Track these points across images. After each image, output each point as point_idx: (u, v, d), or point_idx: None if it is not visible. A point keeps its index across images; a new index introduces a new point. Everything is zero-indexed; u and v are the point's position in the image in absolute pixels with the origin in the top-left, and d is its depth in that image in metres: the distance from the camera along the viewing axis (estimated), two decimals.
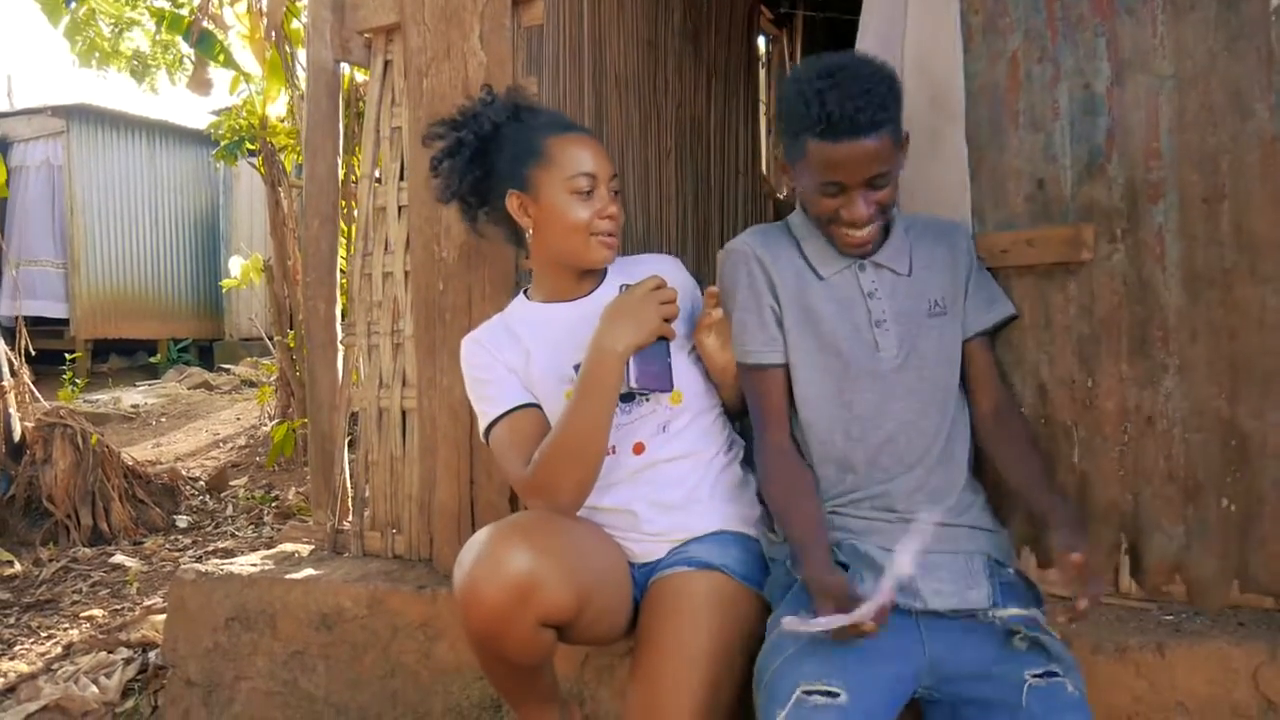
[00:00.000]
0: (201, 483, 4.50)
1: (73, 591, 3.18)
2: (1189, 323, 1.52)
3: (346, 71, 2.57)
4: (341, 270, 2.49)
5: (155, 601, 2.91)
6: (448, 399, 2.04)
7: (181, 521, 3.96)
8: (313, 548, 2.35)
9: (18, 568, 3.39)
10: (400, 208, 2.18)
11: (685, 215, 2.83)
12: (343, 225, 2.76)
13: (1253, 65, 1.47)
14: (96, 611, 2.95)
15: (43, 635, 2.81)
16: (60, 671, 2.45)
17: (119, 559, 3.45)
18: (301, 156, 3.62)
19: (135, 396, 7.33)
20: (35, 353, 4.30)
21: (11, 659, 2.62)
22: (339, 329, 2.30)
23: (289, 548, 2.39)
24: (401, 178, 2.19)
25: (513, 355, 1.56)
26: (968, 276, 1.51)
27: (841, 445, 1.44)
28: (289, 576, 2.09)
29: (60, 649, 2.66)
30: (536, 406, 1.53)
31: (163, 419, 6.65)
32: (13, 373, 3.85)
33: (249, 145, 5.05)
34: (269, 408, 5.47)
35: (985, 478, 1.54)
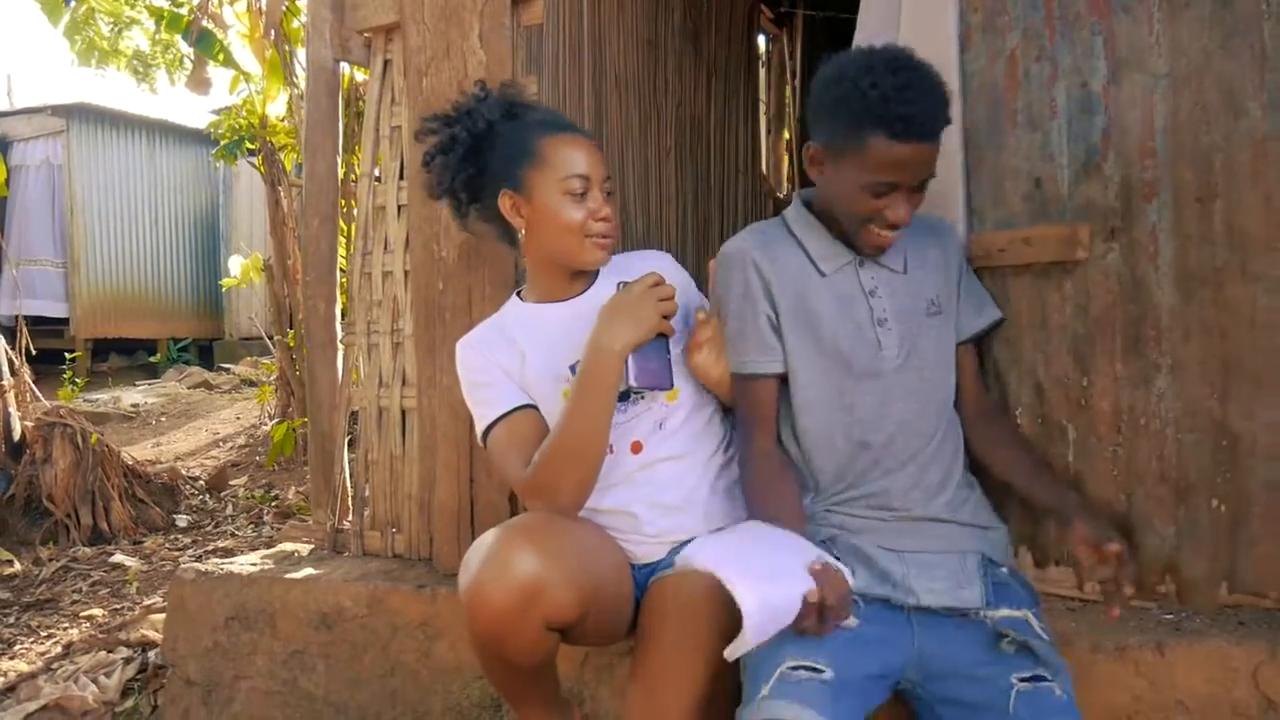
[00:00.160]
0: (201, 482, 4.50)
1: (72, 591, 3.18)
2: (1182, 322, 1.52)
3: (346, 71, 2.57)
4: (341, 269, 2.49)
5: (155, 601, 2.91)
6: (448, 398, 2.04)
7: (181, 521, 3.96)
8: (312, 547, 2.35)
9: (17, 567, 3.38)
10: (400, 207, 2.18)
11: (685, 214, 2.83)
12: (342, 224, 2.76)
13: (1246, 64, 1.47)
14: (96, 611, 2.95)
15: (42, 634, 2.81)
16: (60, 671, 2.44)
17: (119, 558, 3.45)
18: (301, 155, 3.62)
19: (135, 396, 7.33)
20: (35, 352, 4.30)
21: (11, 658, 2.62)
22: (339, 328, 2.30)
23: (289, 547, 2.39)
24: (401, 177, 2.19)
25: (507, 357, 1.55)
26: (959, 279, 1.50)
27: (842, 448, 1.42)
28: (289, 576, 2.09)
29: (60, 648, 2.66)
30: (533, 408, 1.52)
31: (162, 418, 6.65)
32: (13, 372, 3.85)
33: (249, 144, 5.05)
34: (269, 407, 5.47)
35: (984, 475, 1.54)
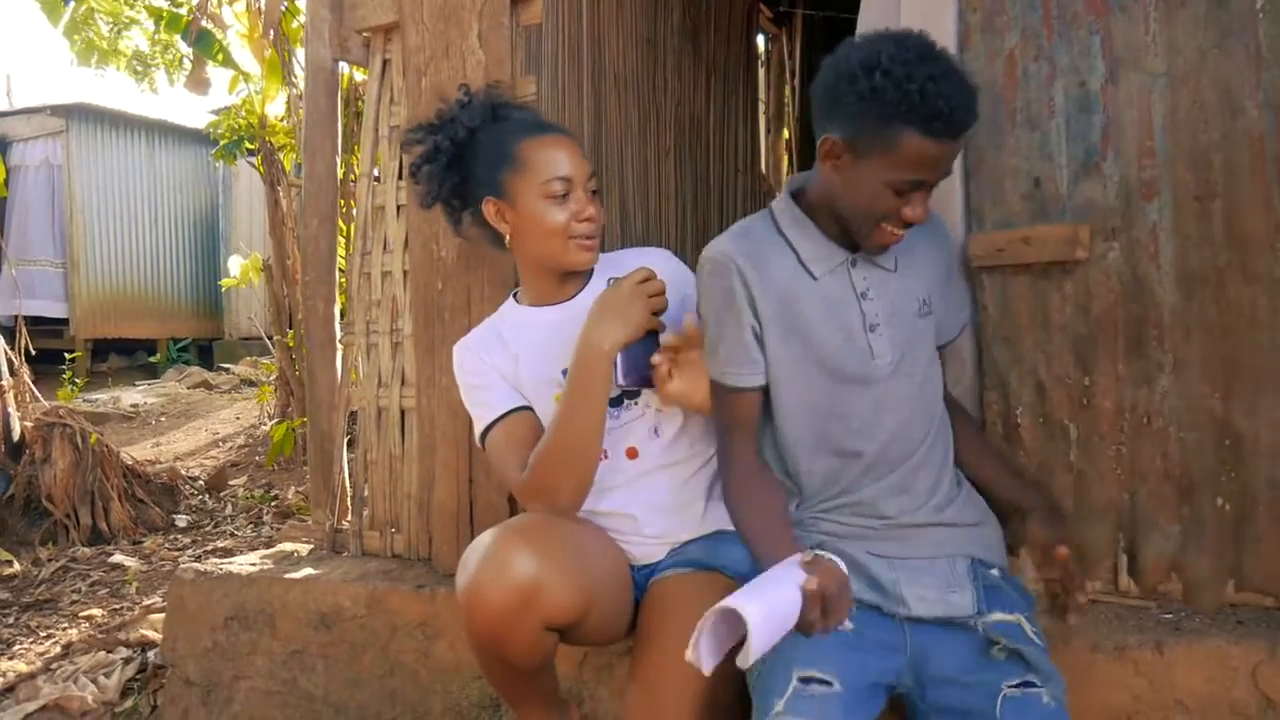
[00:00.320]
0: (201, 482, 4.50)
1: (72, 591, 3.18)
2: (1183, 321, 1.52)
3: (345, 70, 2.57)
4: (340, 269, 2.49)
5: (154, 601, 2.91)
6: (447, 398, 2.04)
7: (181, 521, 3.96)
8: (312, 547, 2.35)
9: (17, 567, 3.38)
10: (399, 207, 2.18)
11: (684, 214, 2.83)
12: (342, 224, 2.76)
13: (1242, 63, 1.46)
14: (95, 611, 2.95)
15: (42, 635, 2.81)
16: (59, 671, 2.44)
17: (118, 558, 3.44)
18: (300, 155, 3.62)
19: (135, 396, 7.33)
20: (35, 352, 4.30)
21: (10, 658, 2.62)
22: (338, 328, 2.30)
23: (288, 547, 2.39)
24: (400, 176, 2.18)
25: (502, 360, 1.55)
26: (948, 277, 1.45)
27: (831, 457, 1.37)
28: (288, 576, 2.09)
29: (59, 648, 2.66)
30: (529, 410, 1.52)
31: (162, 418, 6.65)
32: (12, 372, 3.85)
33: (248, 144, 5.05)
34: (268, 407, 5.48)
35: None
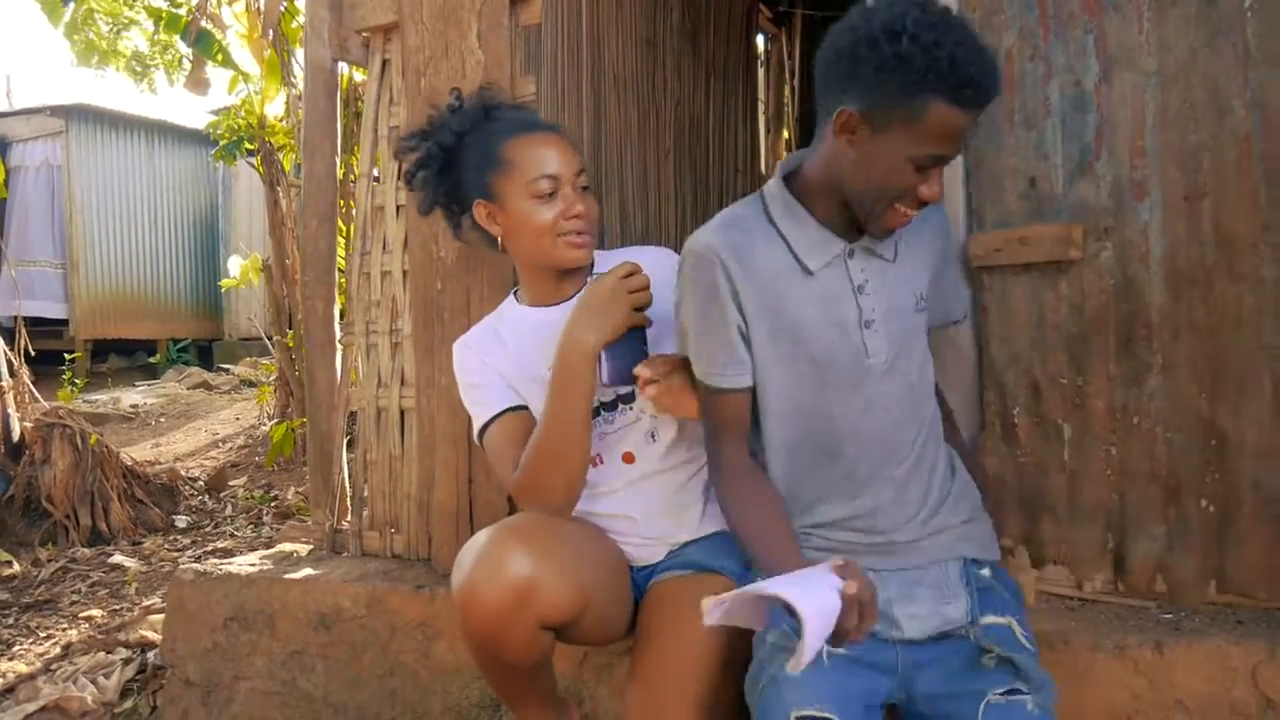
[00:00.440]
0: (200, 483, 4.50)
1: (71, 592, 3.18)
2: (1172, 321, 1.51)
3: (345, 71, 2.57)
4: (340, 269, 2.49)
5: (154, 601, 2.91)
6: (446, 398, 2.04)
7: (180, 521, 3.96)
8: (311, 547, 2.35)
9: (16, 568, 3.38)
10: (398, 207, 2.18)
11: (684, 214, 2.82)
12: (341, 224, 2.76)
13: (1230, 62, 1.46)
14: (95, 612, 2.95)
15: (41, 635, 2.81)
16: (59, 672, 2.44)
17: (118, 559, 3.44)
18: (300, 156, 3.62)
19: (134, 396, 7.33)
20: (34, 353, 4.30)
21: (10, 659, 2.62)
22: (337, 328, 2.30)
23: (288, 547, 2.39)
24: (400, 177, 2.18)
25: (500, 359, 1.55)
26: (945, 264, 1.40)
27: (816, 462, 1.31)
28: (288, 576, 2.09)
29: (59, 649, 2.66)
30: (526, 409, 1.52)
31: (162, 419, 6.65)
32: (12, 373, 3.84)
33: (248, 145, 5.05)
34: (268, 407, 5.48)
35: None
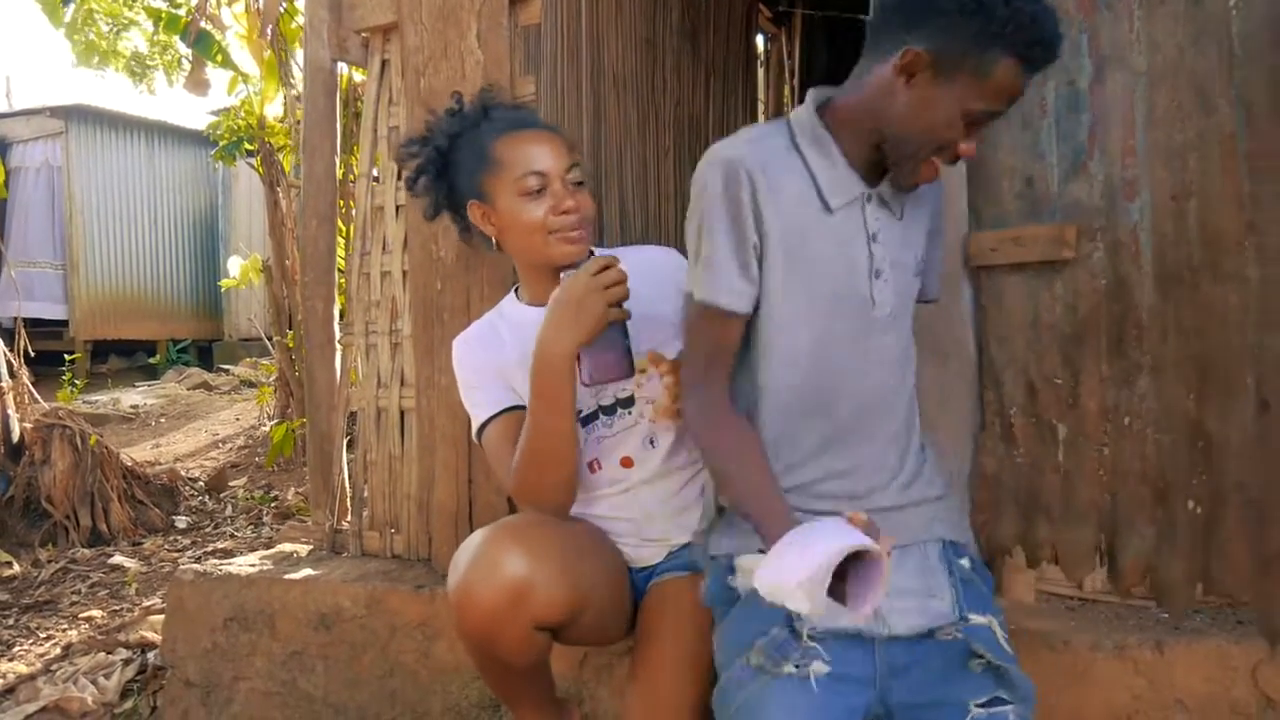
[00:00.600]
0: (201, 483, 4.50)
1: (71, 592, 3.18)
2: (1160, 322, 1.51)
3: (344, 71, 2.57)
4: (340, 270, 2.49)
5: (154, 602, 2.90)
6: (446, 398, 2.04)
7: (180, 522, 3.96)
8: (311, 548, 2.35)
9: (16, 569, 3.38)
10: (398, 207, 2.18)
11: (684, 214, 2.82)
12: (341, 225, 2.76)
13: (1215, 61, 1.46)
14: (95, 612, 2.95)
15: (41, 636, 2.81)
16: (59, 672, 2.44)
17: (118, 560, 3.44)
18: (299, 156, 3.62)
19: (134, 397, 7.33)
20: (34, 354, 4.30)
21: (10, 660, 2.62)
22: (337, 329, 2.30)
23: (288, 548, 2.39)
24: (399, 177, 2.18)
25: (497, 357, 1.54)
26: (934, 239, 1.35)
27: (808, 417, 1.23)
28: (287, 576, 2.09)
29: (59, 650, 2.65)
30: (523, 408, 1.50)
31: (162, 419, 6.65)
32: (12, 374, 3.85)
33: (247, 145, 5.05)
34: (268, 408, 5.48)
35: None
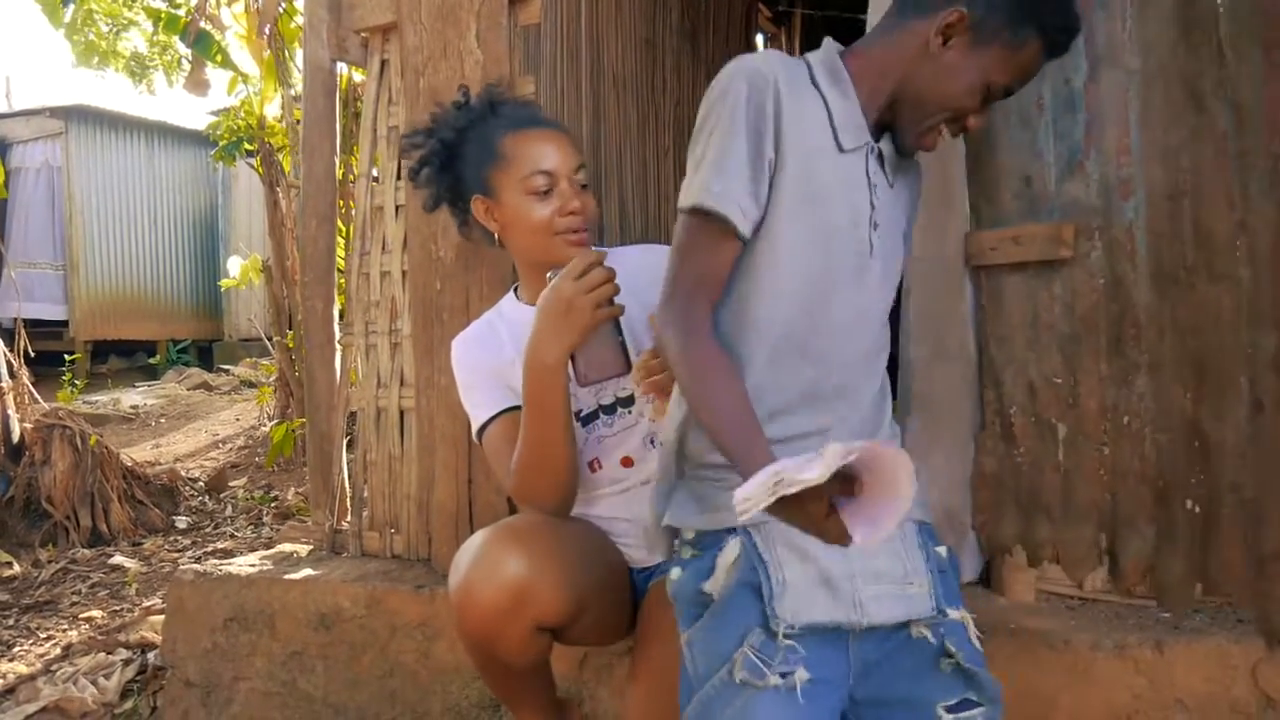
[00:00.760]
0: (201, 483, 4.50)
1: (71, 593, 3.18)
2: (1157, 321, 1.51)
3: (343, 71, 2.57)
4: (340, 270, 2.49)
5: (154, 602, 2.90)
6: (446, 398, 2.04)
7: (181, 522, 3.96)
8: (311, 548, 2.34)
9: (16, 569, 3.38)
10: (398, 207, 2.18)
11: None
12: (341, 225, 2.76)
13: (1205, 60, 1.45)
14: (95, 612, 2.95)
15: (41, 636, 2.80)
16: (59, 673, 2.44)
17: (118, 560, 3.44)
18: (299, 156, 3.62)
19: (134, 397, 7.33)
20: (34, 354, 4.30)
21: (10, 660, 2.62)
22: (337, 329, 2.30)
23: (287, 548, 2.39)
24: (399, 177, 2.18)
25: (496, 357, 1.53)
26: (908, 228, 1.31)
27: (798, 355, 1.15)
28: (287, 577, 2.09)
29: (59, 650, 2.65)
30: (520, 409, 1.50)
31: (162, 420, 6.65)
32: (12, 374, 3.84)
33: (247, 146, 5.05)
34: (268, 408, 5.48)
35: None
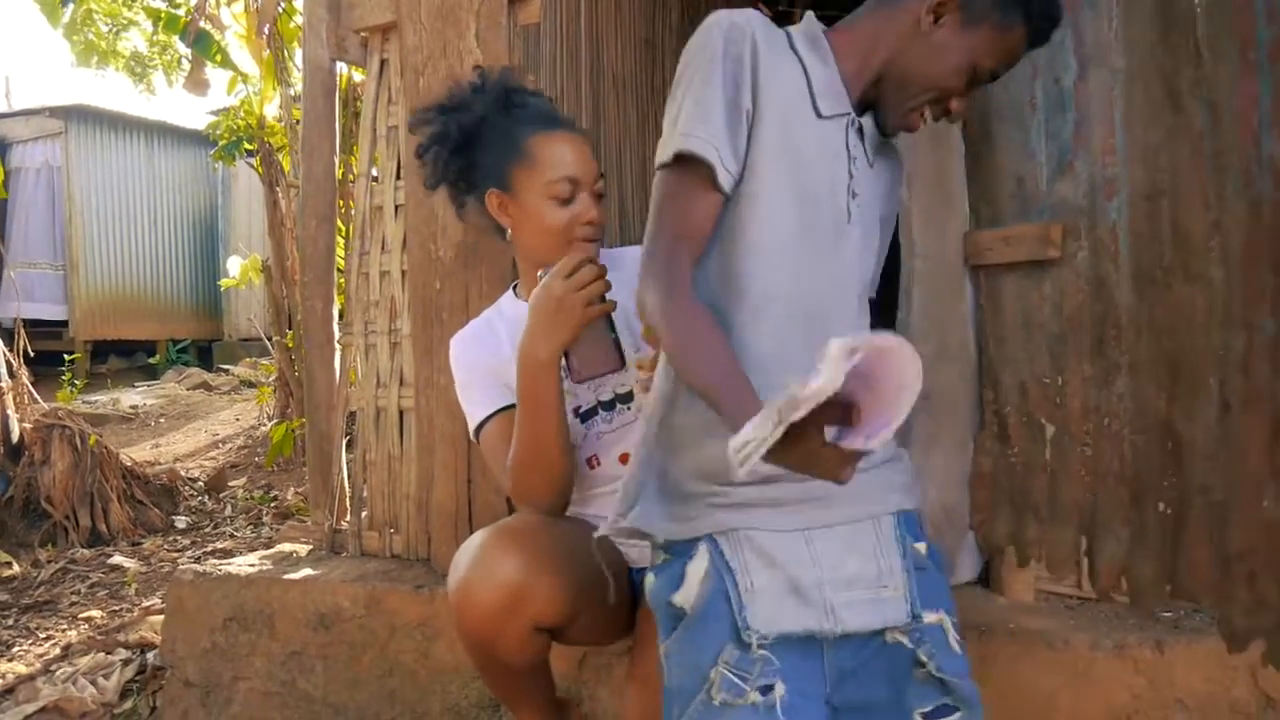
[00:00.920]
0: (200, 483, 4.50)
1: (71, 593, 3.17)
2: (1136, 322, 1.50)
3: (343, 70, 2.57)
4: (339, 269, 2.49)
5: (153, 602, 2.90)
6: (445, 398, 2.04)
7: (180, 522, 3.96)
8: (311, 548, 2.35)
9: (16, 569, 3.38)
10: (397, 206, 2.18)
11: None
12: (340, 224, 2.76)
13: (1183, 59, 1.45)
14: (95, 612, 2.94)
15: (41, 636, 2.80)
16: (58, 673, 2.44)
17: (117, 560, 3.44)
18: (298, 156, 3.62)
19: (134, 397, 7.33)
20: (34, 354, 4.30)
21: (10, 660, 2.61)
22: (336, 328, 2.30)
23: (287, 548, 2.39)
24: (398, 176, 2.18)
25: (494, 355, 1.52)
26: (890, 219, 1.29)
27: (781, 320, 1.10)
28: (287, 576, 2.09)
29: (58, 650, 2.65)
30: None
31: (161, 420, 6.65)
32: (11, 374, 3.84)
33: (247, 145, 5.05)
34: (268, 408, 5.48)
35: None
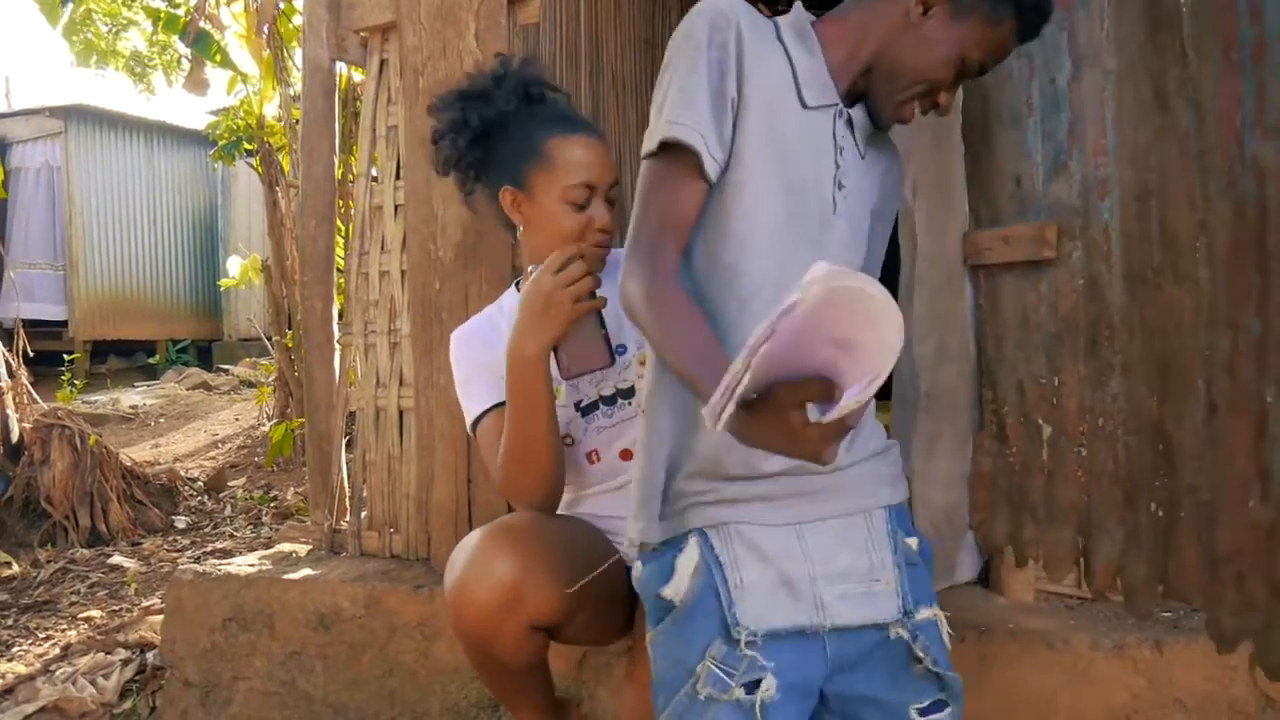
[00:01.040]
0: (200, 483, 4.50)
1: (71, 593, 3.17)
2: (1128, 322, 1.50)
3: (343, 70, 2.57)
4: (339, 269, 2.49)
5: (153, 602, 2.90)
6: (445, 398, 2.04)
7: (180, 522, 3.96)
8: (310, 548, 2.35)
9: (16, 569, 3.38)
10: (397, 206, 2.18)
11: None
12: (340, 224, 2.76)
13: (1169, 59, 1.45)
14: (94, 612, 2.94)
15: (40, 636, 2.80)
16: (58, 673, 2.44)
17: (117, 560, 3.44)
18: (298, 156, 3.62)
19: (134, 397, 7.33)
20: (34, 354, 4.30)
21: (9, 660, 2.61)
22: (336, 328, 2.30)
23: (287, 548, 2.39)
24: (398, 176, 2.18)
25: (493, 352, 1.50)
26: (878, 216, 1.27)
27: (767, 311, 1.05)
28: (287, 576, 2.09)
29: (58, 650, 2.65)
30: None
31: (161, 420, 6.65)
32: (11, 374, 3.85)
33: (247, 145, 5.05)
34: (267, 408, 5.48)
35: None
